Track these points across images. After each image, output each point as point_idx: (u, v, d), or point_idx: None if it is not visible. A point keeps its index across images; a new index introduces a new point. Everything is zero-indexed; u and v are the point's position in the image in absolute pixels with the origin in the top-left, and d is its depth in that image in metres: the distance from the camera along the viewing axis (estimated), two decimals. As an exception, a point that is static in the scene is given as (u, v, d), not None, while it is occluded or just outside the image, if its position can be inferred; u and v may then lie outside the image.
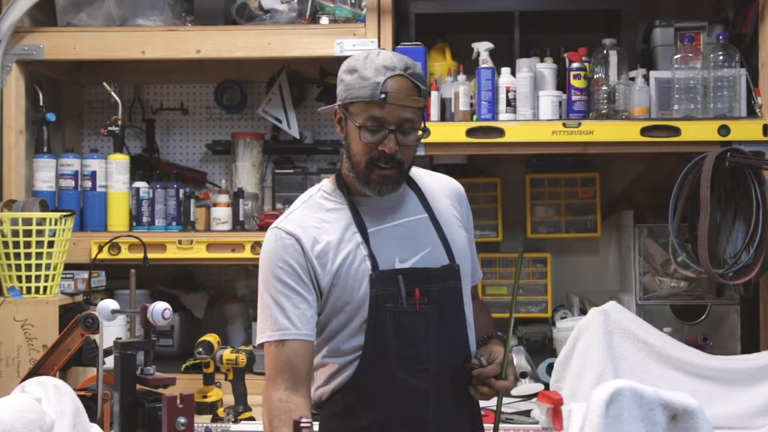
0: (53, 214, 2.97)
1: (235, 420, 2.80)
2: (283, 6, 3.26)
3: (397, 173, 1.94)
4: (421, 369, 1.93)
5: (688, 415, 1.88)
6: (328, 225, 1.96)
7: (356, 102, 1.91)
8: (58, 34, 3.27)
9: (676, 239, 2.91)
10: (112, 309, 2.09)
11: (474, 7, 3.23)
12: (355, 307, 1.93)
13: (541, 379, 3.13)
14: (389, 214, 2.00)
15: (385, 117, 1.89)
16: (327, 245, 1.94)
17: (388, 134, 1.89)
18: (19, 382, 2.15)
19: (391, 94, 1.88)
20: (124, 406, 1.90)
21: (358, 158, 1.93)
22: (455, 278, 1.99)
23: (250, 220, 3.39)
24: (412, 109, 1.91)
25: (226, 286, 3.69)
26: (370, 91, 1.88)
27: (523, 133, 3.02)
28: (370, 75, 1.89)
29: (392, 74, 1.89)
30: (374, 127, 1.90)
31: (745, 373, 2.71)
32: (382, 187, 1.93)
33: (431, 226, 2.01)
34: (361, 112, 1.90)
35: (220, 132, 3.74)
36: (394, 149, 1.90)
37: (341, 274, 1.93)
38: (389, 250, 1.96)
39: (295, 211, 2.00)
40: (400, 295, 1.92)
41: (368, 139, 1.90)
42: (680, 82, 3.00)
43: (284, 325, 1.90)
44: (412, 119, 1.91)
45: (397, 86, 1.89)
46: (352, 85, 1.91)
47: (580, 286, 3.56)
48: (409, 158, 1.95)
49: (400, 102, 1.88)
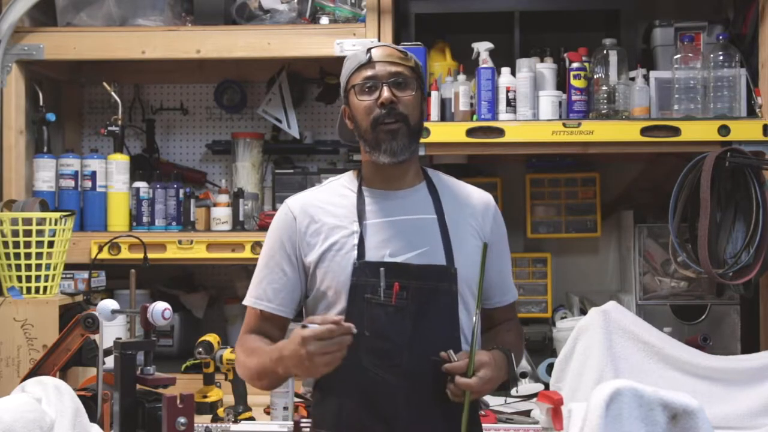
0: (53, 214, 2.97)
1: (235, 420, 2.80)
2: (283, 6, 3.26)
3: (404, 128, 1.99)
4: (392, 364, 1.93)
5: (688, 415, 1.88)
6: (332, 208, 2.03)
7: (351, 76, 2.03)
8: (58, 34, 3.27)
9: (676, 239, 2.91)
10: (112, 309, 2.09)
11: (474, 7, 3.23)
12: (336, 292, 1.97)
13: (541, 379, 3.13)
14: (394, 209, 2.02)
15: (375, 74, 1.99)
16: (321, 226, 2.01)
17: (382, 86, 1.98)
18: (19, 382, 2.15)
19: (376, 53, 2.02)
20: (124, 406, 1.91)
21: (363, 124, 2.01)
22: (449, 281, 1.98)
23: (250, 220, 3.40)
24: (402, 66, 2.01)
25: (226, 286, 3.69)
26: (357, 59, 2.02)
27: (523, 133, 3.02)
28: (357, 53, 2.06)
29: (377, 44, 2.08)
30: (368, 83, 1.99)
31: (745, 373, 2.71)
32: (392, 143, 1.98)
33: (436, 228, 2.01)
34: (355, 80, 2.01)
35: (220, 132, 3.74)
36: (389, 98, 1.97)
37: (328, 256, 1.98)
38: (382, 243, 1.97)
39: (310, 190, 2.13)
40: (379, 286, 1.94)
41: (364, 98, 1.99)
42: (680, 82, 3.00)
43: (261, 295, 2.04)
44: (403, 73, 2.01)
45: (382, 49, 2.04)
46: (345, 68, 2.06)
47: (580, 286, 3.56)
48: (413, 114, 2.01)
49: (386, 59, 2.01)
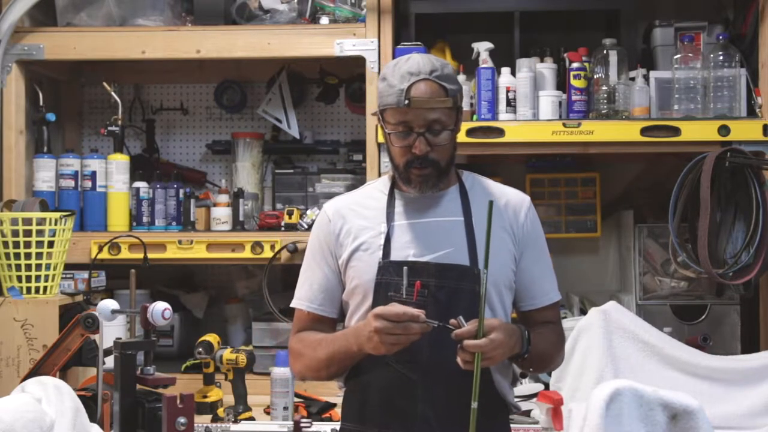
0: (53, 214, 2.97)
1: (235, 420, 2.80)
2: (283, 6, 3.26)
3: (434, 172, 2.02)
4: (412, 360, 1.96)
5: (688, 415, 1.88)
6: (364, 211, 2.09)
7: (387, 109, 2.01)
8: (58, 34, 3.27)
9: (676, 239, 2.91)
10: (112, 309, 2.09)
11: (474, 7, 3.23)
12: (363, 290, 2.02)
13: (541, 379, 3.13)
14: (423, 211, 2.06)
15: (411, 120, 1.97)
16: (352, 227, 2.07)
17: (417, 137, 1.97)
18: (19, 382, 2.15)
19: (415, 99, 1.96)
20: (124, 406, 1.91)
21: (396, 161, 2.04)
22: (472, 281, 1.98)
23: (250, 220, 3.39)
24: (439, 110, 1.97)
25: (226, 286, 3.69)
26: (396, 98, 1.97)
27: (523, 133, 3.02)
28: (396, 82, 1.98)
29: (416, 79, 1.97)
30: (403, 131, 1.98)
31: (745, 373, 2.71)
32: (422, 186, 2.03)
33: (463, 230, 2.03)
34: (391, 118, 2.00)
35: (220, 132, 3.74)
36: (424, 150, 1.98)
37: (356, 256, 2.04)
38: (407, 243, 2.02)
39: (348, 194, 2.20)
40: (402, 285, 1.97)
41: (398, 144, 2.00)
42: (680, 82, 3.00)
43: (308, 297, 2.11)
44: (440, 119, 1.98)
45: (421, 91, 1.97)
46: (382, 93, 2.02)
47: (580, 286, 3.55)
48: (444, 156, 2.02)
49: (424, 105, 1.97)
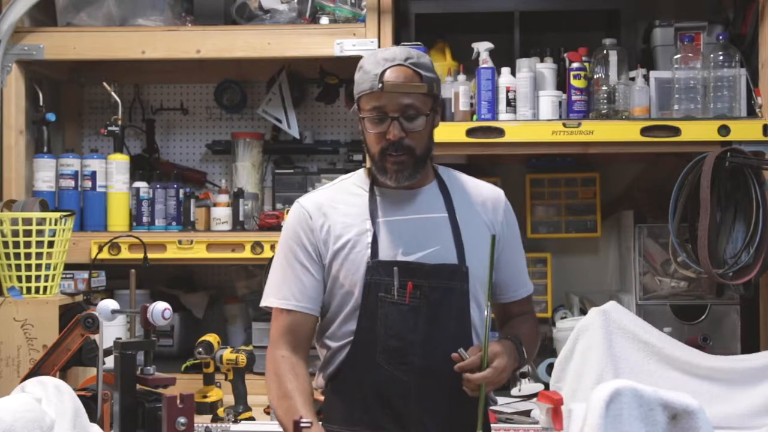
0: (53, 214, 2.97)
1: (235, 420, 2.80)
2: (283, 6, 3.26)
3: (410, 160, 1.98)
4: (405, 362, 1.95)
5: (688, 415, 1.88)
6: (344, 207, 2.04)
7: (362, 96, 1.99)
8: (58, 34, 3.27)
9: (676, 239, 2.91)
10: (112, 309, 2.09)
11: (474, 7, 3.23)
12: (348, 291, 1.98)
13: (541, 379, 3.13)
14: (406, 207, 2.03)
15: (385, 105, 1.96)
16: (335, 225, 2.02)
17: (392, 122, 1.95)
18: (19, 382, 2.14)
19: (389, 83, 1.95)
20: (124, 406, 1.90)
21: (372, 150, 2.02)
22: (461, 280, 1.99)
23: (250, 220, 3.39)
24: (414, 95, 1.96)
25: (226, 286, 3.69)
26: (370, 83, 1.97)
27: (523, 133, 3.02)
28: (371, 68, 1.99)
29: (391, 65, 1.96)
30: (378, 116, 1.96)
31: (745, 373, 2.71)
32: (398, 174, 1.99)
33: (448, 226, 2.02)
34: (366, 104, 1.99)
35: (220, 132, 3.74)
36: (398, 136, 1.95)
37: (341, 254, 2.00)
38: (394, 241, 1.99)
39: (321, 189, 2.13)
40: (392, 285, 1.95)
41: (373, 130, 1.97)
42: (680, 82, 3.00)
43: (287, 295, 2.01)
44: (414, 104, 1.97)
45: (395, 75, 1.97)
46: (358, 81, 2.02)
47: (580, 286, 3.55)
48: (419, 144, 1.99)
49: (398, 89, 1.95)
